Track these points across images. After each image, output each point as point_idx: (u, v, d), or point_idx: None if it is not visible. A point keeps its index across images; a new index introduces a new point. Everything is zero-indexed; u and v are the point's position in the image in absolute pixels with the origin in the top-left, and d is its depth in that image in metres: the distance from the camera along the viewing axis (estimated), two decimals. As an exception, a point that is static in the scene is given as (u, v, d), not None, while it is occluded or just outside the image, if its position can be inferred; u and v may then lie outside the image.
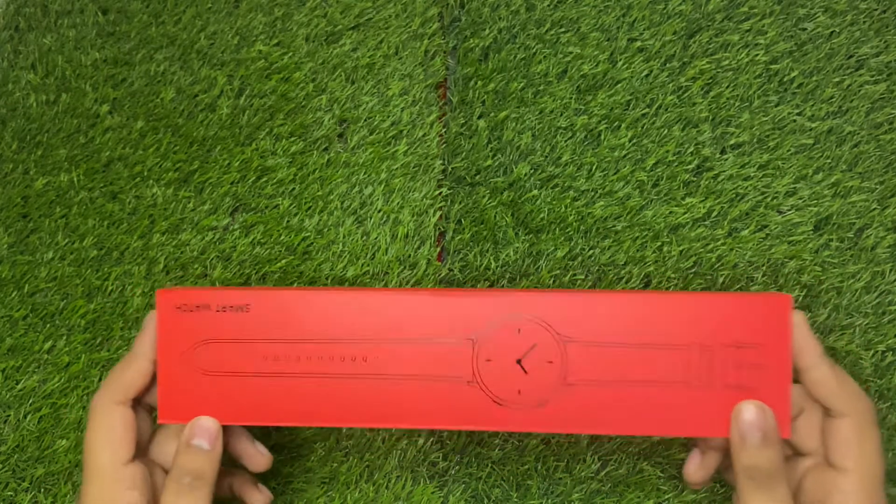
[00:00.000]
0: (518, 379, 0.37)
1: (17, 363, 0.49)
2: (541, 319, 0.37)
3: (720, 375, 0.36)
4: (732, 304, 0.36)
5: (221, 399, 0.38)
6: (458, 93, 0.51)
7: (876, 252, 0.47)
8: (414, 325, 0.37)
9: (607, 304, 0.37)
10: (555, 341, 0.37)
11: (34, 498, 0.47)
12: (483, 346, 0.37)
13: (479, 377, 0.37)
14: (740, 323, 0.36)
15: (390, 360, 0.37)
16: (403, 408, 0.37)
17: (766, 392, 0.36)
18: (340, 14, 0.53)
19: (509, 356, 0.37)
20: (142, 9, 0.53)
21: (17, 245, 0.50)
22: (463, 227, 0.50)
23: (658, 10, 0.51)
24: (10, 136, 0.52)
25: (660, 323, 0.36)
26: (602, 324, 0.37)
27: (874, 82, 0.49)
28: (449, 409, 0.37)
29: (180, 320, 0.38)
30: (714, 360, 0.36)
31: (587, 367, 0.37)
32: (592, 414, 0.37)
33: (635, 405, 0.37)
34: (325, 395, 0.38)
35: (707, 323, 0.36)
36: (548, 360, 0.37)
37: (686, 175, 0.49)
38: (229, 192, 0.51)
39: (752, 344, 0.36)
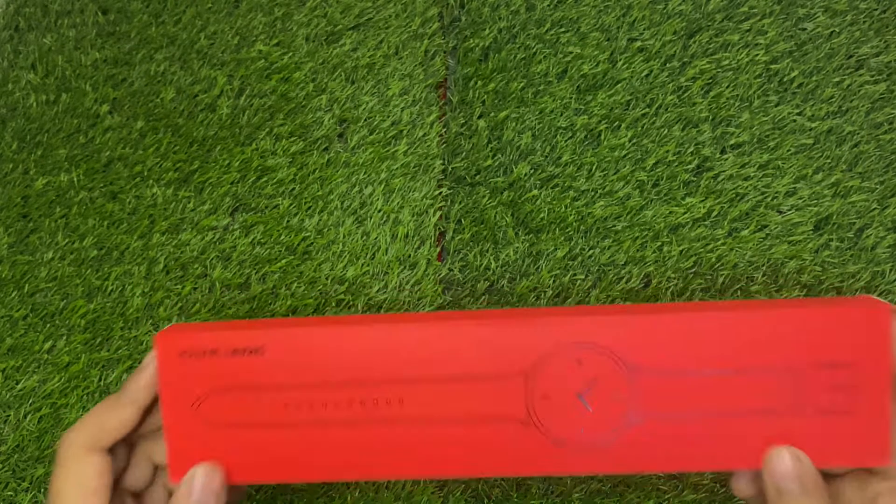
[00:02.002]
0: (580, 416, 0.32)
1: (17, 363, 0.49)
2: (603, 347, 0.32)
3: (811, 400, 0.32)
4: (822, 318, 0.31)
5: (240, 455, 0.34)
6: (458, 93, 0.51)
7: (876, 252, 0.47)
8: (456, 359, 0.32)
9: (679, 325, 0.32)
10: (621, 371, 0.32)
11: (34, 498, 0.47)
12: (538, 381, 0.32)
13: (536, 416, 0.32)
14: (831, 339, 0.31)
15: (430, 402, 0.33)
16: (448, 455, 0.33)
17: (864, 415, 0.32)
18: (340, 14, 0.53)
19: (569, 391, 0.32)
20: (142, 9, 0.53)
21: (17, 245, 0.50)
22: (463, 227, 0.50)
23: (658, 10, 0.51)
24: (10, 136, 0.52)
25: (740, 344, 0.32)
26: (674, 349, 0.32)
27: (874, 82, 0.49)
28: (501, 453, 0.33)
29: (185, 369, 0.33)
30: (803, 384, 0.32)
31: (659, 400, 0.32)
32: (667, 451, 0.32)
33: (715, 439, 0.32)
34: (356, 445, 0.33)
35: (793, 341, 0.32)
36: (613, 394, 0.32)
37: (686, 175, 0.49)
38: (229, 192, 0.51)
39: (845, 363, 0.31)
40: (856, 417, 0.32)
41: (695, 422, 0.32)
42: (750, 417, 0.32)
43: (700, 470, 0.33)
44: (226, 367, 0.33)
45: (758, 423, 0.32)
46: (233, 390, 0.34)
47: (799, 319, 0.32)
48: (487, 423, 0.33)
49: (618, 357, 0.32)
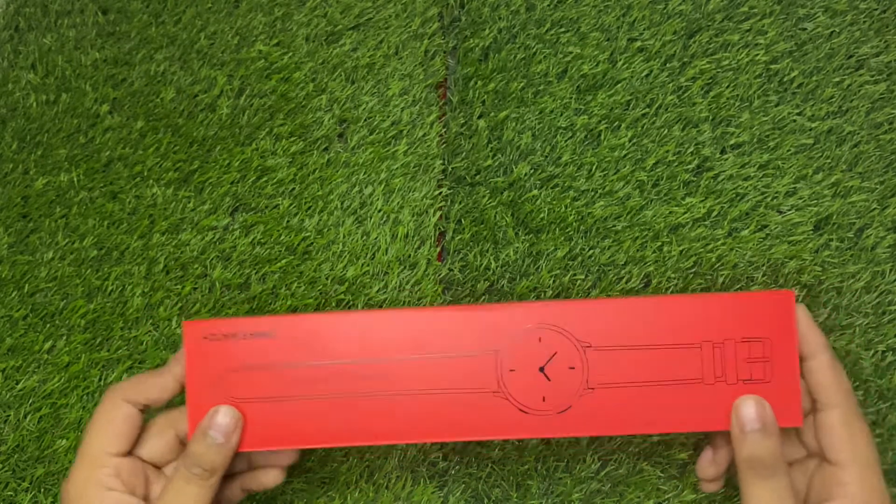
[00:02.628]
0: (542, 386, 0.38)
1: (17, 363, 0.49)
2: (560, 328, 0.38)
3: (733, 370, 0.38)
4: (739, 302, 0.38)
5: (253, 424, 0.39)
6: (458, 93, 0.51)
7: (876, 252, 0.47)
8: (438, 340, 0.39)
9: (622, 309, 0.38)
10: (575, 348, 0.38)
11: (34, 498, 0.47)
12: (506, 357, 0.38)
13: (504, 387, 0.38)
14: (748, 320, 0.38)
15: (416, 376, 0.39)
16: (432, 421, 0.38)
17: (777, 383, 0.38)
18: (340, 14, 0.53)
19: (532, 365, 0.38)
20: (142, 9, 0.53)
21: (17, 245, 0.50)
22: (463, 227, 0.50)
23: (658, 10, 0.51)
24: (10, 136, 0.52)
25: (673, 325, 0.38)
26: (619, 329, 0.38)
27: (874, 82, 0.49)
28: (476, 419, 0.38)
29: (208, 349, 0.39)
30: (726, 357, 0.38)
31: (607, 371, 0.38)
32: (615, 415, 0.38)
33: (655, 405, 0.38)
34: (352, 414, 0.39)
35: (717, 322, 0.38)
36: (569, 367, 0.38)
37: (686, 175, 0.49)
38: (229, 192, 0.51)
39: (760, 338, 0.38)
40: (771, 385, 0.38)
41: (638, 390, 0.38)
42: (683, 385, 0.38)
43: (643, 433, 0.39)
44: (242, 348, 0.39)
45: (690, 391, 0.38)
46: (247, 368, 0.39)
47: (720, 303, 0.38)
48: (465, 394, 0.38)
49: (572, 335, 0.38)
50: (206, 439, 0.38)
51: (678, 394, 0.38)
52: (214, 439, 0.38)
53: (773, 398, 0.37)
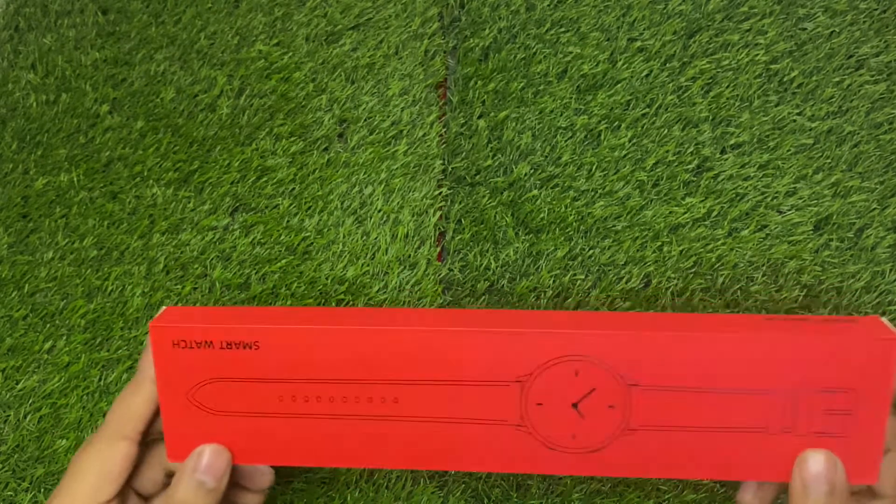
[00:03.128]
0: (573, 423, 0.33)
1: (17, 363, 0.49)
2: (601, 361, 0.33)
3: (806, 422, 0.32)
4: (824, 344, 0.32)
5: (235, 438, 0.35)
6: (458, 93, 0.51)
7: (876, 252, 0.47)
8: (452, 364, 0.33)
9: (679, 344, 0.32)
10: (617, 385, 0.33)
11: (34, 498, 0.47)
12: (534, 389, 0.33)
13: (529, 421, 0.34)
14: (832, 365, 0.32)
15: (424, 402, 0.34)
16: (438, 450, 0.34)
17: (857, 438, 0.32)
18: (340, 14, 0.53)
19: (564, 400, 0.33)
20: (142, 9, 0.53)
21: (17, 245, 0.50)
22: (463, 227, 0.50)
23: (658, 10, 0.51)
24: (10, 136, 0.52)
25: (738, 365, 0.32)
26: (672, 366, 0.32)
27: (874, 82, 0.49)
28: (493, 451, 0.34)
29: (179, 358, 0.34)
30: (800, 407, 0.32)
31: (653, 413, 0.33)
32: (655, 459, 0.33)
33: (704, 451, 0.33)
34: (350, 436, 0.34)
35: (792, 366, 0.32)
36: (608, 405, 0.33)
37: (686, 175, 0.49)
38: (229, 192, 0.51)
39: (844, 389, 0.32)
40: (849, 440, 0.32)
41: (687, 435, 0.33)
42: (742, 433, 0.32)
43: (685, 477, 0.34)
44: (220, 359, 0.34)
45: (749, 440, 0.32)
46: (227, 381, 0.35)
47: (799, 344, 0.32)
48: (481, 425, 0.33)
49: (615, 372, 0.33)
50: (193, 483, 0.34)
51: (734, 442, 0.32)
52: (205, 483, 0.34)
53: (849, 452, 0.32)
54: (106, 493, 0.34)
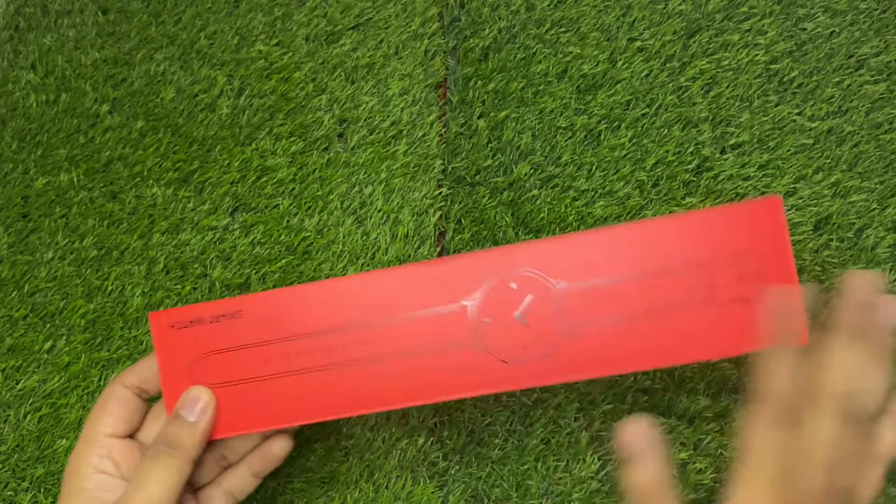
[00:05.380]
0: (520, 334, 0.36)
1: (17, 363, 0.49)
2: (532, 270, 0.36)
3: (723, 291, 0.35)
4: (721, 217, 0.35)
5: (231, 409, 0.38)
6: (458, 93, 0.51)
7: (876, 252, 0.47)
8: (407, 299, 0.37)
9: (596, 242, 0.36)
10: (550, 289, 0.36)
11: (34, 498, 0.47)
12: (479, 308, 0.36)
13: (481, 339, 0.36)
14: (733, 234, 0.35)
15: (391, 340, 0.37)
16: (412, 385, 0.37)
17: None
18: (340, 14, 0.53)
19: (507, 312, 0.36)
20: (142, 9, 0.53)
21: (17, 245, 0.50)
22: (463, 227, 0.50)
23: (658, 10, 0.51)
24: (10, 136, 0.52)
25: (652, 250, 0.35)
26: (595, 263, 0.35)
27: (874, 82, 0.49)
28: (459, 377, 0.36)
29: (177, 338, 0.38)
30: (715, 277, 0.35)
31: (588, 309, 0.35)
32: (601, 355, 0.35)
33: (643, 339, 0.35)
34: (330, 387, 0.37)
35: (699, 241, 0.35)
36: (548, 311, 0.36)
37: (686, 175, 0.49)
38: (229, 192, 0.51)
39: (749, 252, 0.35)
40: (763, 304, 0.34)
41: (623, 325, 0.35)
42: (671, 314, 0.35)
43: (633, 370, 0.36)
44: (211, 333, 0.38)
45: (679, 319, 0.35)
46: (219, 352, 0.38)
47: (700, 221, 0.35)
48: (443, 352, 0.37)
49: (545, 277, 0.36)
50: (177, 419, 0.37)
51: (665, 324, 0.35)
52: (185, 418, 0.37)
53: None
54: (105, 426, 0.38)
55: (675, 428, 0.45)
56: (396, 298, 0.37)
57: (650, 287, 0.35)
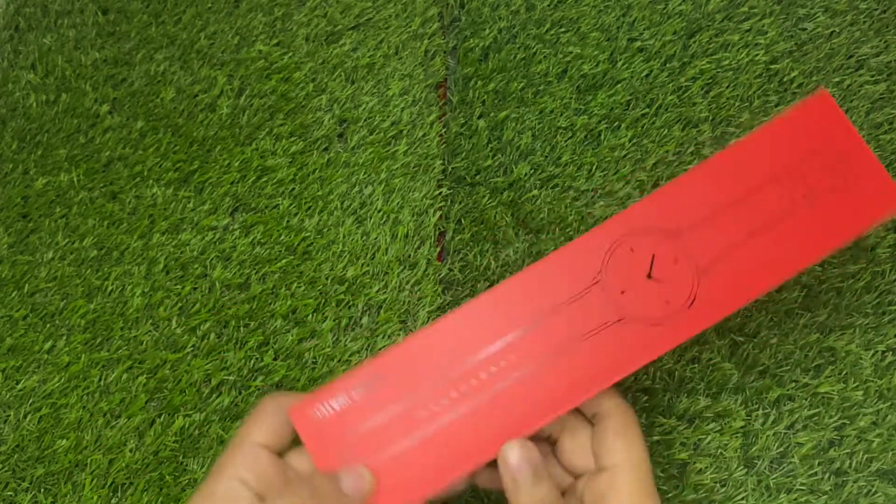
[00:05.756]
0: (659, 292, 0.36)
1: (17, 363, 0.49)
2: (643, 230, 0.36)
3: (819, 185, 0.36)
4: (786, 124, 0.37)
5: (390, 481, 0.36)
6: (458, 93, 0.51)
7: (876, 252, 0.47)
8: (535, 302, 0.36)
9: (688, 182, 0.37)
10: (668, 239, 0.36)
11: (34, 498, 0.47)
12: (610, 282, 0.36)
13: (626, 311, 0.36)
14: (802, 135, 0.36)
15: (536, 345, 0.36)
16: (577, 379, 0.36)
17: (865, 179, 0.36)
18: (340, 14, 0.53)
19: (639, 277, 0.36)
20: (142, 9, 0.53)
21: (17, 245, 0.50)
22: (463, 227, 0.50)
23: (658, 10, 0.51)
24: (10, 136, 0.52)
25: (741, 172, 0.36)
26: (696, 200, 0.36)
27: (874, 82, 0.49)
28: (620, 355, 0.36)
29: (323, 427, 0.36)
30: (806, 176, 0.36)
31: (709, 243, 0.36)
32: (742, 280, 0.36)
33: (771, 251, 0.36)
34: (492, 416, 0.36)
35: (777, 150, 0.37)
36: (673, 261, 0.36)
37: (686, 175, 0.49)
38: (229, 192, 0.51)
39: (823, 144, 0.36)
40: (858, 183, 0.36)
41: (748, 245, 0.36)
42: (784, 220, 0.36)
43: (778, 282, 0.36)
44: (353, 411, 0.36)
45: (793, 222, 0.36)
46: (369, 427, 0.36)
47: (770, 133, 0.37)
48: (594, 337, 0.36)
49: (658, 231, 0.36)
50: (334, 483, 0.35)
51: (784, 231, 0.36)
52: (342, 486, 0.35)
53: (861, 197, 0.36)
54: (260, 436, 0.36)
55: (675, 428, 0.45)
56: (524, 305, 0.36)
57: (756, 203, 0.36)
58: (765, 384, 0.45)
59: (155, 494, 0.45)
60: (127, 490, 0.46)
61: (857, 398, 0.45)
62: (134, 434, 0.46)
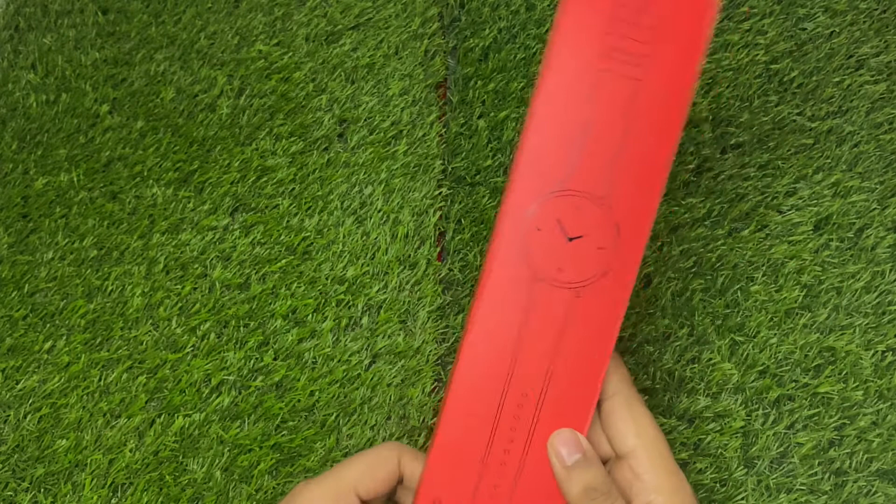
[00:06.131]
0: (587, 244, 0.35)
1: (17, 363, 0.49)
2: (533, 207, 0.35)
3: (638, 44, 0.34)
4: (569, 12, 0.34)
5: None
6: (458, 93, 0.51)
7: (876, 252, 0.47)
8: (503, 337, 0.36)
9: (535, 141, 0.35)
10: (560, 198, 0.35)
11: (34, 498, 0.47)
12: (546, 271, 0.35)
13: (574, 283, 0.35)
14: (588, 12, 0.34)
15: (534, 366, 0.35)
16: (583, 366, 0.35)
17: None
18: (340, 14, 0.53)
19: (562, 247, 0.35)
20: (142, 9, 0.53)
21: (17, 245, 0.50)
22: (463, 226, 0.50)
23: (658, 10, 0.51)
24: (10, 136, 0.52)
25: (567, 90, 0.35)
26: (555, 149, 0.35)
27: (874, 82, 0.49)
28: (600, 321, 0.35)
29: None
30: (622, 47, 0.35)
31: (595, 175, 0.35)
32: (644, 183, 0.35)
33: (648, 134, 0.35)
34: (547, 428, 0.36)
35: (582, 41, 0.35)
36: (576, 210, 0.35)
37: (686, 175, 0.49)
38: (229, 192, 0.51)
39: (614, 5, 0.34)
40: (668, 8, 0.34)
41: (626, 148, 0.35)
42: (638, 97, 0.34)
43: (674, 143, 0.35)
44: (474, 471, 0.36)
45: (645, 95, 0.34)
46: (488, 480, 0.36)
47: (562, 34, 0.34)
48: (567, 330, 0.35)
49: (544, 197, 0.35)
50: None
51: (643, 104, 0.35)
52: None
53: (683, 15, 0.34)
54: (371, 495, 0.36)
55: (675, 428, 0.45)
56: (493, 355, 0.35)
57: (602, 108, 0.35)
58: (765, 384, 0.45)
59: (155, 494, 0.45)
60: (127, 490, 0.46)
61: (857, 398, 0.45)
62: (134, 434, 0.46)
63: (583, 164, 0.35)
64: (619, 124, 0.35)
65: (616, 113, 0.35)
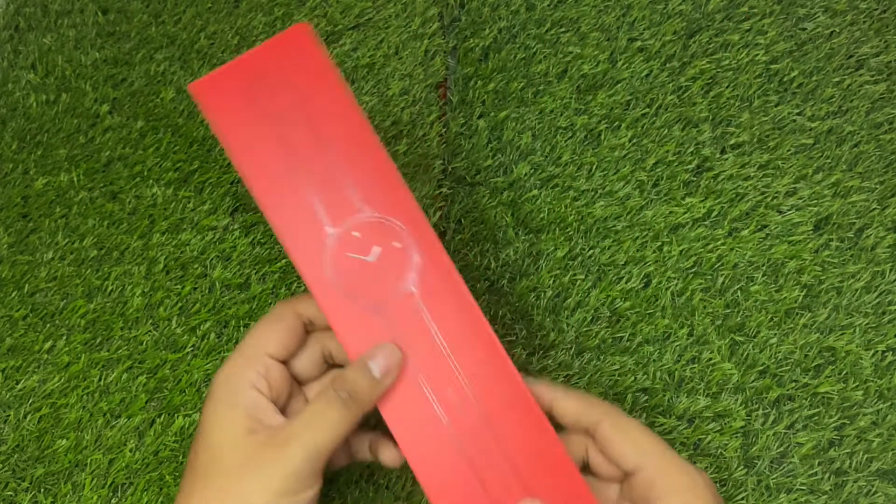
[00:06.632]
0: (387, 259, 0.37)
1: (17, 363, 0.49)
2: (322, 249, 0.36)
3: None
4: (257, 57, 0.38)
5: None
6: (458, 93, 0.51)
7: (876, 252, 0.47)
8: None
9: (265, 192, 0.36)
10: (336, 227, 0.36)
11: (34, 498, 0.47)
12: (370, 299, 0.36)
13: (397, 296, 0.37)
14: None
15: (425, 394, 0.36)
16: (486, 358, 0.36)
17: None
18: (340, 14, 0.53)
19: (369, 273, 0.36)
20: (142, 9, 0.53)
21: (17, 245, 0.50)
22: (463, 227, 0.50)
23: (658, 10, 0.51)
24: (10, 136, 0.52)
25: (265, 143, 0.37)
26: (297, 188, 0.36)
27: (874, 82, 0.49)
28: (454, 320, 0.37)
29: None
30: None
31: (354, 190, 0.36)
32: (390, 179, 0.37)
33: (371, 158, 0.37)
34: None
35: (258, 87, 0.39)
36: (359, 231, 0.36)
37: (686, 175, 0.49)
38: (229, 192, 0.51)
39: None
40: None
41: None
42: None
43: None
44: None
45: None
46: None
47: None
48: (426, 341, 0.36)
49: (320, 239, 0.36)
50: (363, 369, 0.35)
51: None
52: (372, 371, 0.35)
53: None
54: (272, 347, 0.37)
55: (675, 428, 0.45)
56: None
57: (316, 126, 0.36)
58: (765, 384, 0.45)
59: (155, 494, 0.45)
60: (127, 490, 0.46)
61: (857, 398, 0.45)
62: (134, 434, 0.46)
63: (335, 189, 0.36)
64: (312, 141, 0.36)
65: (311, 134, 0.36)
